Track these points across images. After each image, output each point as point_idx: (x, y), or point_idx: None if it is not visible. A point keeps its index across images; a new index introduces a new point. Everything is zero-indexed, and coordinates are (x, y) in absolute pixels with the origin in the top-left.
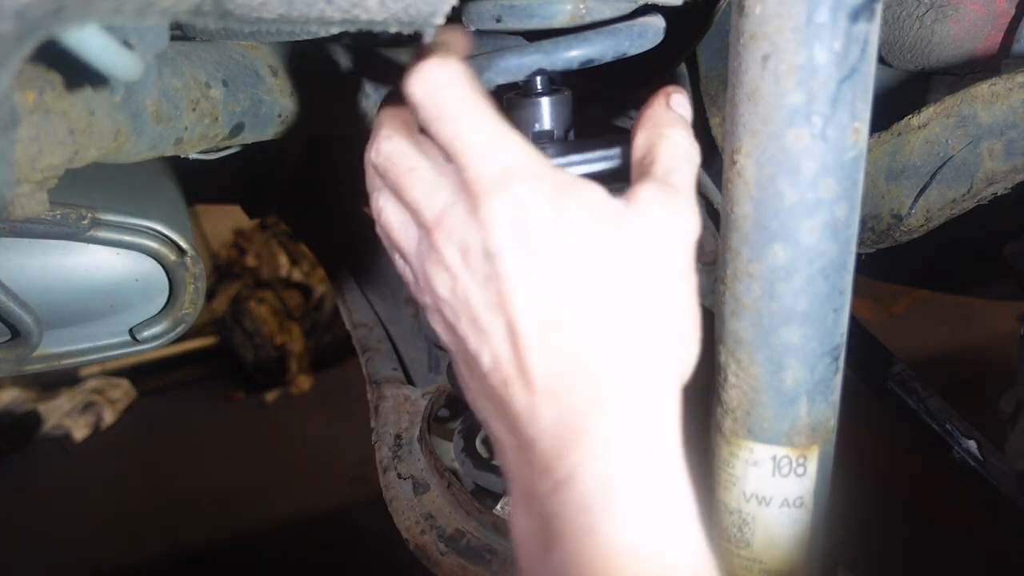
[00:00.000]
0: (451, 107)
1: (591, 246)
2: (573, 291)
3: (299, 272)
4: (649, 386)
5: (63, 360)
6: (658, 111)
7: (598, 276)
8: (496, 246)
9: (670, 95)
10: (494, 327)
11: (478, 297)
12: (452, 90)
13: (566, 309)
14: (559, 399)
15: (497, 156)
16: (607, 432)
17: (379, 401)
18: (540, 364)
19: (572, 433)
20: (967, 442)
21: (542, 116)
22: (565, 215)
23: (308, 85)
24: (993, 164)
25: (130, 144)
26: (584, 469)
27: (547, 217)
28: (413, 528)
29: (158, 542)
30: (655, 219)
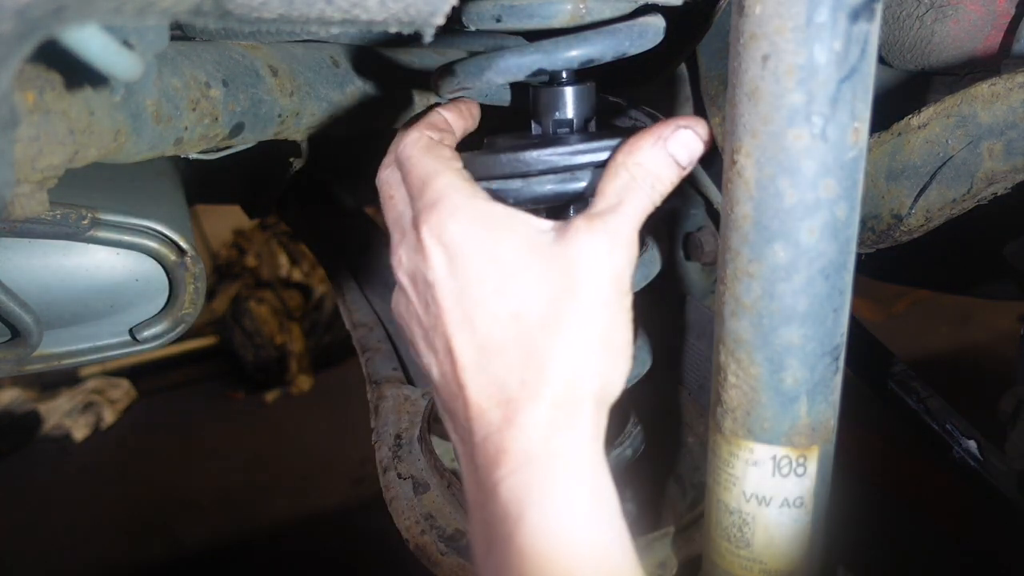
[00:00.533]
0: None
1: (514, 274)
2: (493, 315)
3: (299, 272)
4: (560, 405)
5: (63, 360)
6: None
7: (519, 302)
8: (432, 276)
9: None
10: (438, 346)
11: (425, 319)
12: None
13: (488, 331)
14: (485, 417)
15: (428, 192)
16: (519, 449)
17: (379, 401)
18: (472, 384)
19: (495, 450)
20: (967, 442)
21: (564, 104)
22: (490, 245)
23: (308, 85)
24: (993, 164)
25: (130, 144)
26: (504, 483)
27: (472, 247)
28: (413, 528)
29: (158, 542)
30: (581, 251)
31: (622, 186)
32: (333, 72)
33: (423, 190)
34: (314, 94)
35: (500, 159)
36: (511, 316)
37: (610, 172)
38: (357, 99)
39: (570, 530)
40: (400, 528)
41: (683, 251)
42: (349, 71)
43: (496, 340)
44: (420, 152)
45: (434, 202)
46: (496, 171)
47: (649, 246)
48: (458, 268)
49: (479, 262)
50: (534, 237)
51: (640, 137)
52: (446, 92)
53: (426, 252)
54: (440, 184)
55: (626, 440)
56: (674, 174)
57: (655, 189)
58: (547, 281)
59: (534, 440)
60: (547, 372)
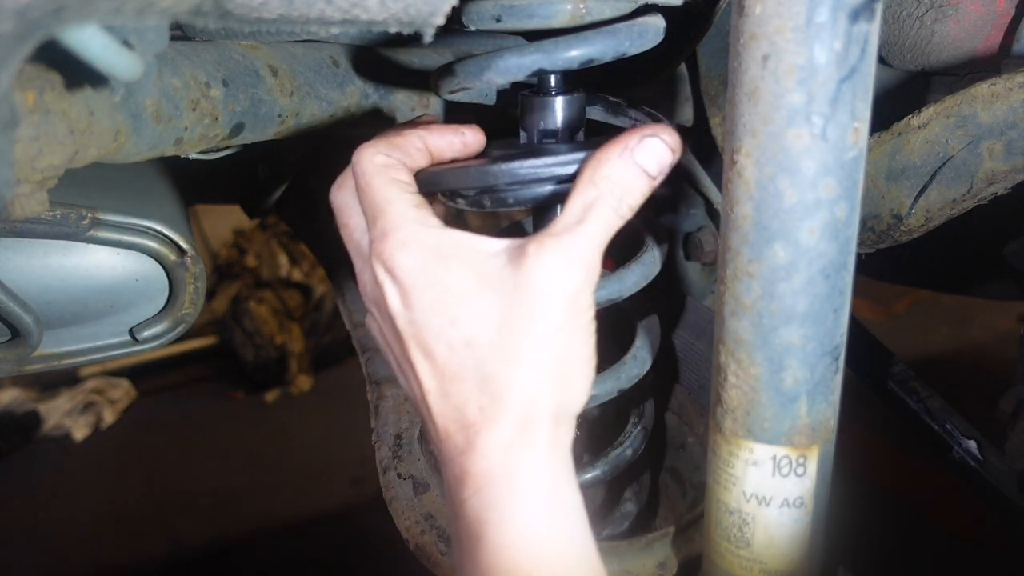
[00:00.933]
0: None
1: (464, 303)
2: (446, 344)
3: (299, 272)
4: (517, 428)
5: (63, 360)
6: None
7: (471, 330)
8: (390, 308)
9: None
10: (407, 372)
11: (394, 346)
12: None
13: (444, 361)
14: (451, 440)
15: (380, 222)
16: (479, 472)
17: (379, 401)
18: (436, 409)
19: (460, 471)
20: (967, 442)
21: (548, 115)
22: (440, 274)
23: (308, 85)
24: (993, 164)
25: (130, 144)
26: (468, 504)
27: (423, 279)
28: (413, 528)
29: (158, 542)
30: (532, 275)
31: (588, 202)
32: (333, 72)
33: (375, 219)
34: (314, 94)
35: (469, 172)
36: (464, 344)
37: (578, 187)
38: (357, 99)
39: (527, 547)
40: (400, 528)
41: (683, 251)
42: (349, 71)
43: (453, 368)
44: (372, 175)
45: (385, 233)
46: (463, 184)
47: (649, 246)
48: (412, 300)
49: (431, 294)
50: (484, 264)
51: (606, 149)
52: (446, 92)
53: (382, 285)
54: (391, 214)
55: (626, 440)
56: (644, 185)
57: (623, 202)
58: (498, 307)
59: (492, 463)
60: (503, 398)
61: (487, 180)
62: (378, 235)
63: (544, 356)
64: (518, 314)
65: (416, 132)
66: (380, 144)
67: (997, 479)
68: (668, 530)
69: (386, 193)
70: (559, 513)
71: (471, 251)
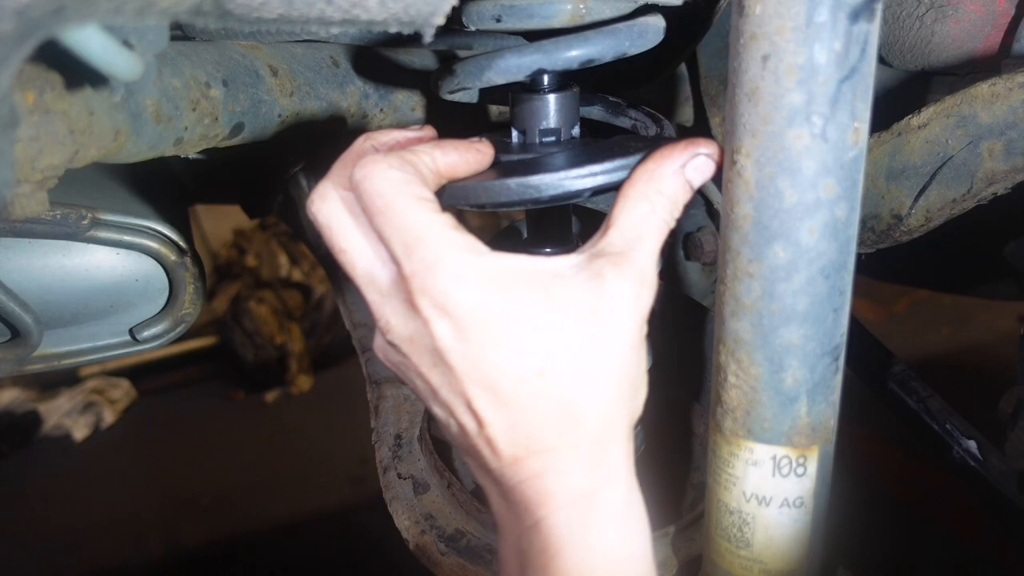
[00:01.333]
0: (386, 203)
1: (535, 332)
2: (515, 377)
3: (299, 272)
4: (596, 447)
5: (63, 360)
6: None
7: (541, 359)
8: (439, 345)
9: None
10: (455, 404)
11: (432, 378)
12: (388, 186)
13: (513, 393)
14: (520, 465)
15: (420, 251)
16: (562, 491)
17: (379, 401)
18: (501, 437)
19: (534, 492)
20: (967, 442)
21: (548, 113)
22: (505, 306)
23: (308, 85)
24: (993, 164)
25: (130, 144)
26: (547, 521)
27: (484, 313)
28: (413, 528)
29: (158, 542)
30: (610, 298)
31: (642, 217)
32: (333, 72)
33: (411, 247)
34: (314, 94)
35: (509, 186)
36: (536, 373)
37: (629, 200)
38: (357, 99)
39: (608, 557)
40: (400, 528)
41: (683, 251)
42: (349, 71)
43: (523, 398)
44: (394, 194)
45: (431, 266)
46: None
47: None
48: (470, 335)
49: (494, 327)
50: (550, 288)
51: (660, 163)
52: (446, 92)
53: (428, 323)
54: (433, 241)
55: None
56: (687, 199)
57: (672, 216)
58: (572, 333)
59: (575, 483)
60: (582, 421)
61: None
62: (421, 267)
63: (619, 377)
64: (595, 337)
65: (426, 150)
66: (391, 159)
67: (997, 479)
68: (668, 530)
69: (419, 217)
70: (635, 523)
71: (533, 276)
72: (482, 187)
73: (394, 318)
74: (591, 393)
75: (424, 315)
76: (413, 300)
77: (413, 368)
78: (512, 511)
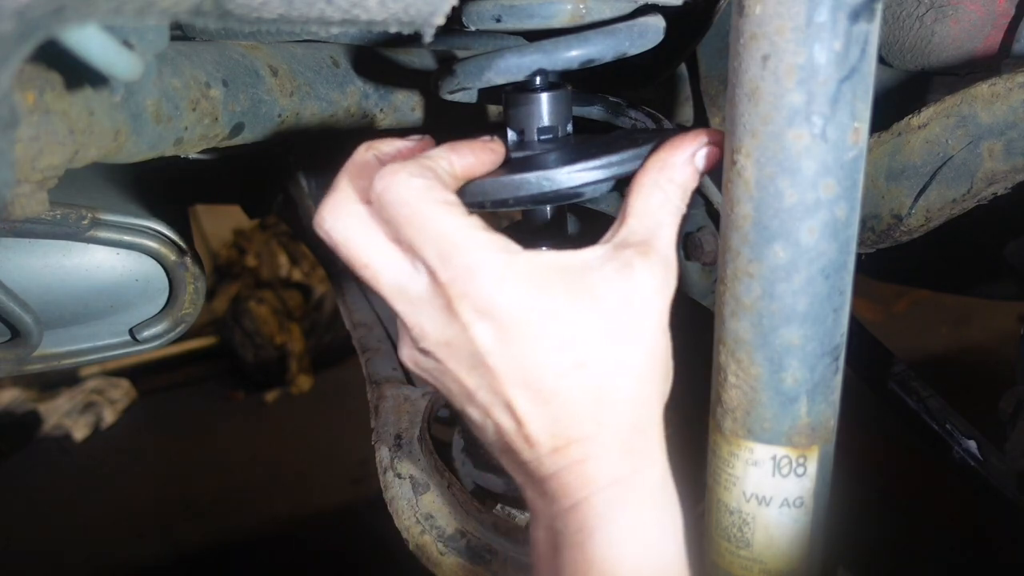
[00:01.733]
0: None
1: (572, 325)
2: (557, 372)
3: (299, 272)
4: (632, 428)
5: (63, 360)
6: (671, 159)
7: (580, 352)
8: (480, 347)
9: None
10: (492, 406)
11: (469, 381)
12: (413, 194)
13: (554, 388)
14: (559, 454)
15: (456, 258)
16: (603, 475)
17: (379, 401)
18: (541, 432)
19: (574, 477)
20: (967, 442)
21: (542, 112)
22: (545, 303)
23: (308, 85)
24: (993, 164)
25: (130, 144)
26: (583, 504)
27: (525, 313)
28: (413, 528)
29: (158, 542)
30: (641, 286)
31: (658, 205)
32: (333, 72)
33: (447, 254)
34: (314, 94)
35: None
36: (575, 366)
37: (644, 189)
38: (357, 99)
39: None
40: (400, 528)
41: (683, 251)
42: (349, 71)
43: (564, 392)
44: (421, 202)
45: (471, 270)
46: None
47: None
48: (511, 336)
49: (536, 326)
50: (583, 280)
51: (672, 152)
52: (446, 92)
53: (469, 327)
54: (469, 246)
55: None
56: (696, 182)
57: (684, 203)
58: (610, 326)
59: (615, 466)
60: (619, 409)
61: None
62: (459, 273)
63: (652, 361)
64: (629, 325)
65: (441, 154)
66: (410, 167)
67: (997, 479)
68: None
69: (450, 222)
70: (669, 504)
71: (566, 272)
72: (501, 183)
73: (429, 325)
74: (627, 380)
75: (464, 319)
76: (452, 306)
77: (449, 373)
78: (547, 497)
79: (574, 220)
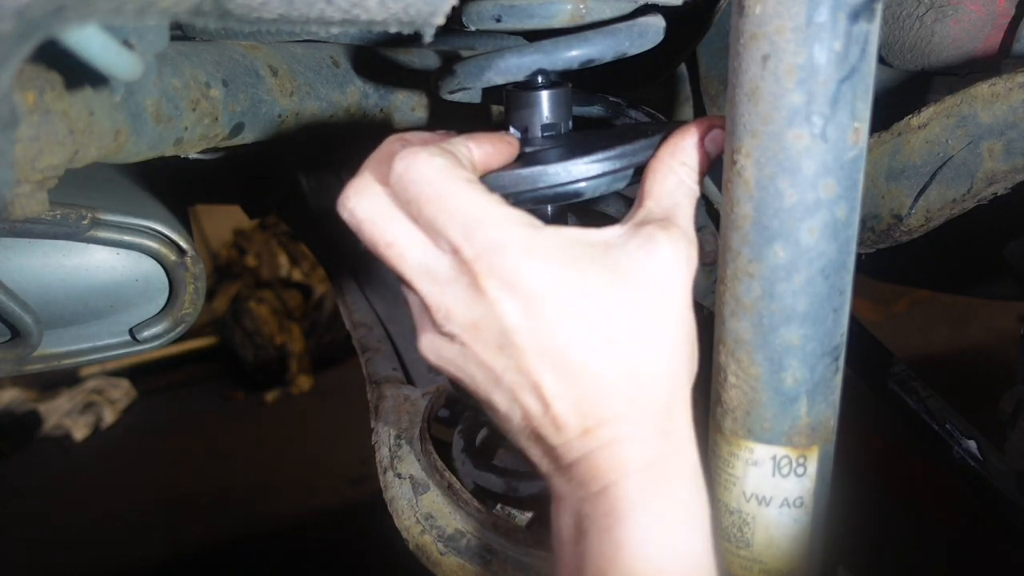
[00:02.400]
0: (436, 190)
1: (601, 301)
2: (586, 347)
3: (299, 272)
4: (663, 408)
5: (63, 360)
6: (682, 144)
7: (609, 328)
8: (508, 324)
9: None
10: (520, 387)
11: (497, 363)
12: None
13: (583, 363)
14: (589, 436)
15: (482, 233)
16: (632, 457)
17: (379, 401)
18: (568, 412)
19: (604, 459)
20: (967, 442)
21: (544, 110)
22: (572, 277)
23: (308, 85)
24: (993, 164)
25: (130, 144)
26: (614, 487)
27: (554, 287)
28: (413, 528)
29: (158, 542)
30: (665, 261)
31: (674, 186)
32: (333, 72)
33: (472, 229)
34: (314, 94)
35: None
36: (605, 342)
37: (659, 174)
38: (357, 99)
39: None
40: (400, 528)
41: None
42: (349, 71)
43: (594, 368)
44: (445, 180)
45: (498, 244)
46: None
47: None
48: (540, 311)
49: (564, 300)
50: (609, 256)
51: (683, 137)
52: (446, 92)
53: (497, 303)
54: (495, 220)
55: None
56: (707, 168)
57: (697, 185)
58: (637, 300)
59: (647, 448)
60: (650, 386)
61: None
62: (486, 248)
63: (680, 337)
64: (655, 301)
65: (461, 141)
66: (431, 148)
67: (997, 479)
68: None
69: (474, 198)
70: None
71: (591, 247)
72: (521, 176)
73: (455, 305)
74: (656, 356)
75: (491, 296)
76: (479, 282)
77: (474, 357)
78: (575, 482)
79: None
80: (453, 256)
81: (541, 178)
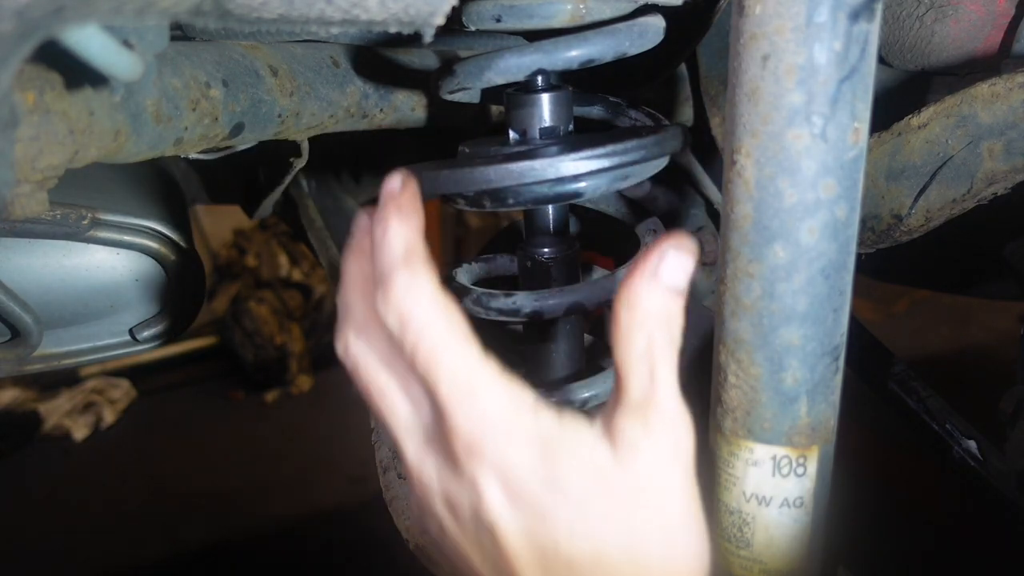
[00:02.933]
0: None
1: (584, 507)
2: (573, 561)
3: (299, 272)
4: None
5: (63, 360)
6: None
7: (598, 543)
8: (490, 515)
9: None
10: None
11: (474, 555)
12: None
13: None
14: None
15: (477, 406)
16: None
17: None
18: None
19: None
20: (967, 442)
21: (544, 113)
22: (554, 473)
23: (308, 85)
24: (993, 164)
25: (130, 144)
26: None
27: (535, 478)
28: (413, 528)
29: (158, 542)
30: (650, 467)
31: (643, 351)
32: (333, 72)
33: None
34: (314, 94)
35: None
36: (592, 558)
37: (623, 339)
38: (357, 99)
39: None
40: (400, 528)
41: None
42: (349, 71)
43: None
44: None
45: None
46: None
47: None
48: (521, 504)
49: (545, 498)
50: (593, 457)
51: (630, 288)
52: (446, 92)
53: (478, 486)
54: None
55: None
56: (680, 302)
57: (672, 331)
58: (624, 512)
59: None
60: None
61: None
62: (470, 426)
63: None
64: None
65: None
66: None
67: (997, 479)
68: None
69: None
70: None
71: (576, 442)
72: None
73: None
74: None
75: (477, 479)
76: (460, 462)
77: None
78: None
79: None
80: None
81: (527, 174)
